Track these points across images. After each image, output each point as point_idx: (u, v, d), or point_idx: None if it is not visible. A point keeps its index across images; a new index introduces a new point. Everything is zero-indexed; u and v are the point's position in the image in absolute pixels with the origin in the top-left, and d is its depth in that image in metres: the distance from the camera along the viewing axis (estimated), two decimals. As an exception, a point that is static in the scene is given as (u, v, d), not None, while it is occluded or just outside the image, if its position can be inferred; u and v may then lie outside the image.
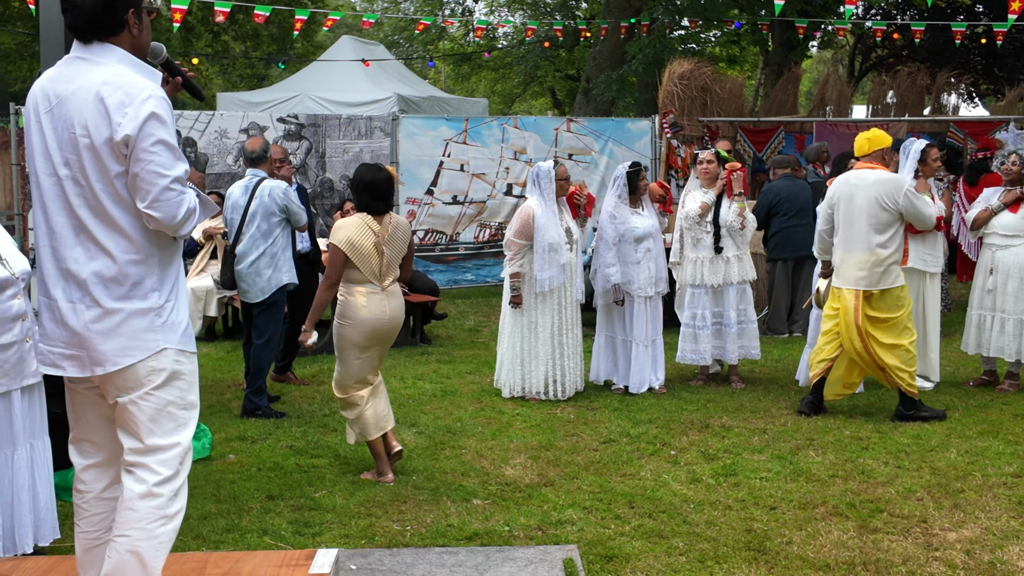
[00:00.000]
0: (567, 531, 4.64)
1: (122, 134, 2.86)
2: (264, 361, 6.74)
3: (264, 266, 6.67)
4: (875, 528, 4.66)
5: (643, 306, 7.28)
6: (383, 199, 5.33)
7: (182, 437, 3.05)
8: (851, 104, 15.02)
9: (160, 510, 2.98)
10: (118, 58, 2.97)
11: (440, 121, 12.45)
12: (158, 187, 2.89)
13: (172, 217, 2.93)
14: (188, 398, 3.08)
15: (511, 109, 30.87)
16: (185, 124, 10.79)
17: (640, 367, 7.29)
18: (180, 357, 3.05)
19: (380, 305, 5.32)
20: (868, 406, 6.95)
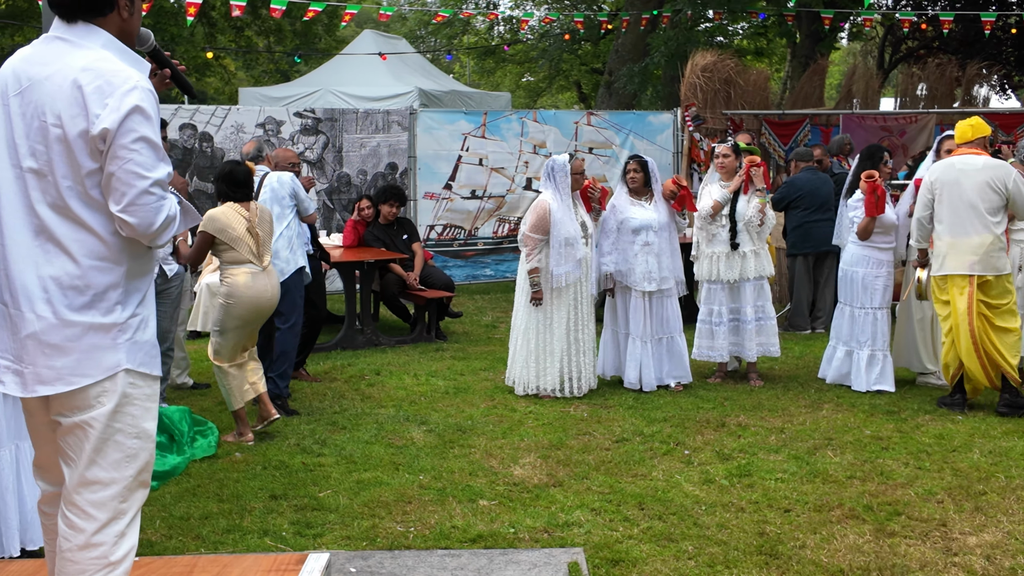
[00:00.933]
0: (574, 533, 4.52)
1: (100, 127, 2.56)
2: (290, 344, 6.73)
3: (282, 247, 6.68)
4: (892, 532, 4.51)
5: (642, 301, 7.12)
6: (241, 187, 5.95)
7: (128, 471, 2.68)
8: (880, 96, 14.77)
9: (102, 559, 2.64)
10: (103, 42, 2.68)
11: (458, 115, 12.34)
12: (136, 189, 2.58)
13: (148, 224, 2.62)
14: (141, 426, 2.72)
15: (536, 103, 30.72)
16: (201, 119, 10.75)
17: (637, 363, 7.14)
18: (137, 380, 2.70)
19: (263, 283, 5.93)
20: (890, 404, 6.77)
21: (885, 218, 6.98)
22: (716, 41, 19.92)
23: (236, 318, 5.87)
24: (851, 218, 7.13)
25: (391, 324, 9.91)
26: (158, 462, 5.25)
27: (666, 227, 7.18)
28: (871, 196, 6.89)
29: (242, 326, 5.90)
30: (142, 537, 4.44)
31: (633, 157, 7.36)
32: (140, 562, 3.26)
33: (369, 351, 8.64)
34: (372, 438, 6.02)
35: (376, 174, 11.57)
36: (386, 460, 5.59)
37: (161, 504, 4.90)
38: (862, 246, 7.08)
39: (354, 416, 6.52)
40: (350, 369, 7.95)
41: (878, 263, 7.07)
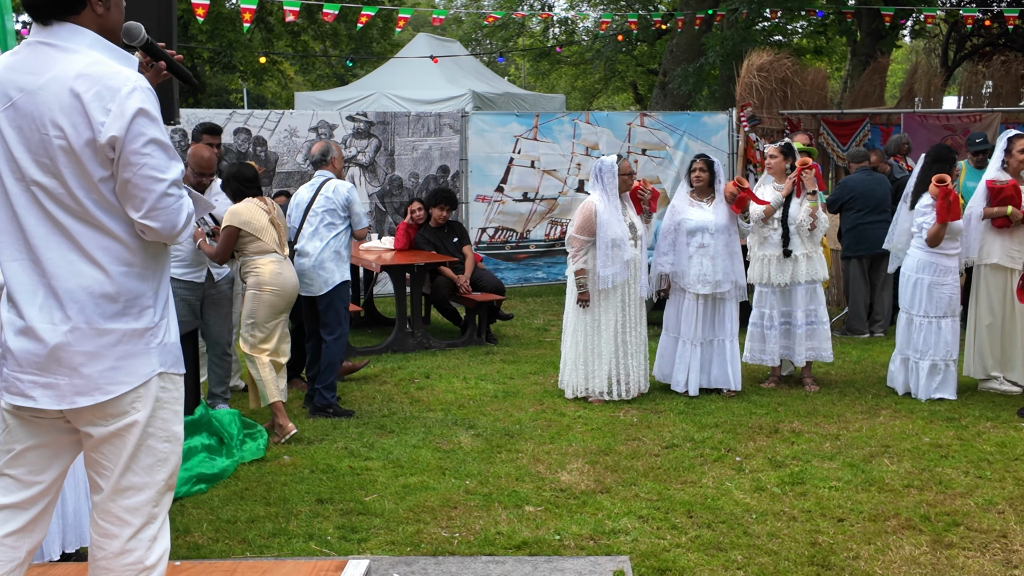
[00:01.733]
0: (620, 541, 4.44)
1: (107, 135, 2.50)
2: (336, 356, 6.70)
3: (328, 259, 6.63)
4: (950, 543, 4.37)
5: (695, 303, 7.01)
6: (252, 183, 6.24)
7: (160, 475, 2.67)
8: (943, 95, 14.42)
9: (138, 565, 2.64)
10: (89, 42, 2.57)
11: (510, 117, 12.30)
12: (155, 193, 2.54)
13: (172, 226, 2.59)
14: (172, 429, 2.70)
15: (592, 105, 30.59)
16: (255, 123, 10.84)
17: (685, 366, 7.03)
18: (166, 382, 2.68)
19: (288, 271, 6.22)
20: (950, 411, 6.58)
21: (955, 224, 6.75)
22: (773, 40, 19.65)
23: (268, 305, 6.10)
24: (919, 224, 6.88)
25: (441, 327, 9.90)
26: (207, 465, 5.29)
27: (724, 229, 7.04)
28: (943, 201, 6.66)
29: (274, 314, 6.13)
30: (189, 540, 4.47)
31: (700, 156, 7.22)
32: (182, 566, 3.27)
33: (419, 354, 8.64)
34: (419, 442, 6.00)
35: (428, 177, 11.59)
36: (433, 465, 5.57)
37: (209, 507, 4.93)
38: (928, 252, 6.85)
39: (402, 420, 6.51)
40: (400, 372, 7.95)
41: (944, 270, 6.84)
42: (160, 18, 5.28)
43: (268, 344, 6.16)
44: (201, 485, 5.17)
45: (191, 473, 5.16)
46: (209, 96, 26.00)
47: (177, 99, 5.48)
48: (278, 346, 6.23)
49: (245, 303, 6.16)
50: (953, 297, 6.86)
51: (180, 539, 4.52)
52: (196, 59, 21.31)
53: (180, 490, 5.05)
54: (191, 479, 5.14)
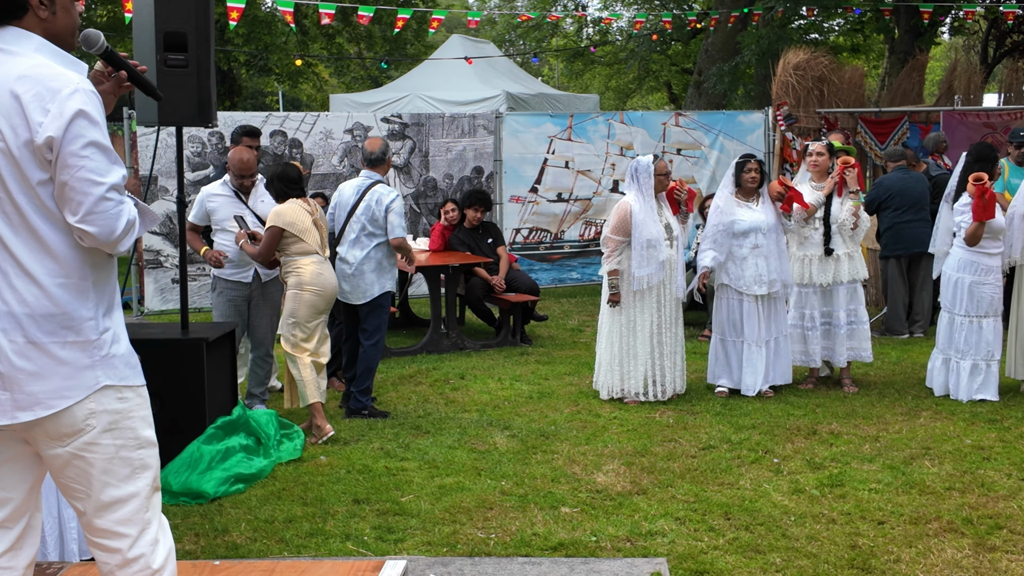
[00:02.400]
0: (657, 543, 4.42)
1: (44, 136, 2.43)
2: (374, 361, 6.70)
3: (369, 269, 6.57)
4: (993, 546, 4.30)
5: (754, 305, 6.97)
6: (296, 184, 6.25)
7: (141, 482, 2.61)
8: (983, 92, 14.21)
9: (146, 570, 2.62)
10: (35, 46, 2.52)
11: (544, 118, 12.28)
12: (92, 197, 2.46)
13: (110, 231, 2.49)
14: (142, 435, 2.63)
15: (626, 105, 30.49)
16: (291, 125, 10.92)
17: (753, 368, 6.98)
18: (124, 393, 2.60)
19: (329, 271, 6.26)
20: (992, 413, 6.49)
21: (994, 222, 6.66)
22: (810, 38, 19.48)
23: (309, 305, 6.13)
24: (958, 222, 6.80)
25: (476, 328, 9.91)
26: (244, 465, 5.32)
27: (775, 229, 6.99)
28: (979, 200, 6.58)
29: (315, 314, 6.16)
30: (227, 539, 4.51)
31: (752, 157, 7.14)
32: (221, 565, 3.29)
33: (454, 355, 8.65)
34: (455, 443, 6.00)
35: (462, 178, 11.60)
36: (468, 465, 5.57)
37: (247, 507, 4.97)
38: (969, 251, 6.76)
39: (438, 420, 6.52)
40: (435, 373, 7.97)
41: (986, 270, 6.75)
42: (198, 23, 5.35)
43: (309, 344, 6.18)
44: (239, 485, 5.21)
45: (229, 473, 5.20)
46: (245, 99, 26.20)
47: (215, 102, 5.54)
48: (318, 347, 6.26)
49: (286, 303, 6.20)
50: (995, 297, 6.77)
51: (218, 539, 4.56)
52: (232, 62, 21.49)
53: (219, 490, 5.09)
54: (229, 479, 5.18)
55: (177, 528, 4.67)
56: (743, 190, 7.05)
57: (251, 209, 6.48)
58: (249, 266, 6.44)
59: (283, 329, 6.18)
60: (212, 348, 5.57)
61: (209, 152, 10.50)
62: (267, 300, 6.58)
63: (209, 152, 10.50)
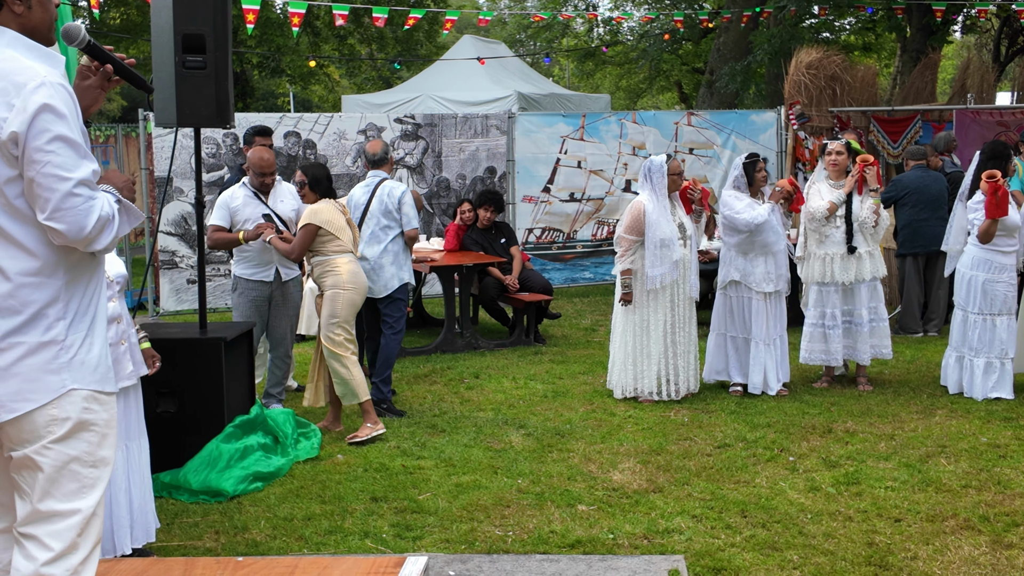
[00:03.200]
0: (674, 540, 4.44)
1: (8, 131, 2.37)
2: (393, 351, 6.86)
3: (388, 263, 6.77)
4: (1010, 543, 4.31)
5: (763, 303, 6.98)
6: (330, 184, 6.32)
7: (85, 502, 2.49)
8: (995, 91, 14.17)
9: None
10: (7, 41, 2.46)
11: (557, 118, 12.30)
12: (59, 193, 2.39)
13: (80, 228, 2.41)
14: (98, 454, 2.52)
15: (637, 105, 30.49)
16: (305, 126, 10.96)
17: (761, 366, 6.99)
18: (90, 403, 2.50)
19: (360, 269, 6.33)
20: (1008, 411, 6.49)
21: (1009, 220, 6.66)
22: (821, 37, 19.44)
23: (350, 303, 6.17)
24: (971, 220, 6.81)
25: (490, 327, 9.94)
26: (263, 463, 5.36)
27: (781, 227, 7.05)
28: (992, 197, 6.58)
29: (353, 311, 6.22)
30: (248, 536, 4.55)
31: (758, 155, 7.16)
32: (243, 562, 3.32)
33: (468, 354, 8.68)
34: (471, 441, 6.03)
35: (475, 178, 11.63)
36: (485, 464, 5.60)
37: (266, 505, 5.00)
38: (983, 249, 6.77)
39: (453, 419, 6.55)
40: (449, 372, 8.00)
41: (1000, 268, 6.76)
42: (216, 24, 5.39)
43: (353, 342, 6.21)
44: (258, 483, 5.25)
45: (248, 471, 5.24)
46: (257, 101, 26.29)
47: (232, 104, 5.58)
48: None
49: (325, 303, 6.20)
50: (1009, 295, 6.77)
51: (238, 536, 4.59)
52: (245, 64, 21.56)
53: (238, 488, 5.13)
54: (248, 477, 5.22)
55: (197, 526, 4.71)
56: (753, 189, 7.07)
57: (271, 209, 6.50)
58: (270, 265, 6.45)
59: (325, 330, 6.17)
60: (230, 347, 5.61)
61: (223, 153, 10.55)
62: (287, 300, 6.59)
63: (223, 153, 10.55)
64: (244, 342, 5.99)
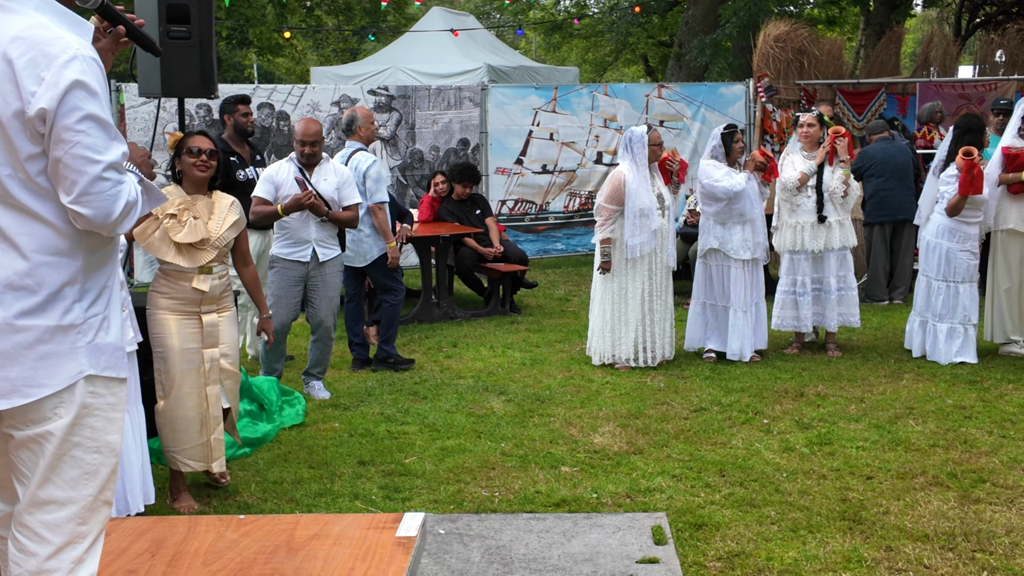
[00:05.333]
0: (656, 499, 4.59)
1: (36, 107, 2.21)
2: (393, 313, 7.10)
3: (366, 234, 6.89)
4: (977, 498, 4.50)
5: (740, 270, 7.13)
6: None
7: (85, 491, 2.36)
8: (957, 64, 14.40)
9: None
10: (36, 4, 2.28)
11: (529, 90, 12.38)
12: (88, 176, 2.24)
13: (106, 214, 2.28)
14: (103, 439, 2.40)
15: (603, 78, 30.55)
16: (278, 98, 10.96)
17: (739, 333, 7.15)
18: (99, 387, 2.38)
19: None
20: (972, 374, 6.71)
21: (978, 197, 6.86)
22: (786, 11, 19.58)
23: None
24: (942, 192, 7.00)
25: (466, 298, 10.04)
26: (250, 429, 5.44)
27: (758, 195, 7.20)
28: (967, 175, 6.75)
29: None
30: (239, 500, 4.63)
31: (735, 126, 7.29)
32: (245, 520, 3.42)
33: (445, 324, 8.78)
34: (453, 407, 6.15)
35: (448, 150, 11.69)
36: (468, 428, 5.71)
37: (255, 469, 5.09)
38: (949, 218, 6.98)
39: (434, 387, 6.66)
40: (427, 341, 8.10)
41: (964, 237, 6.97)
42: None
43: None
44: (245, 449, 5.33)
45: (236, 437, 5.32)
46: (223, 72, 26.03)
47: (216, 73, 5.62)
48: None
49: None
50: (972, 263, 6.99)
51: (230, 499, 4.69)
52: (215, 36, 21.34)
53: (227, 453, 5.21)
54: (235, 443, 5.29)
55: (189, 490, 4.79)
56: (731, 159, 7.21)
57: (313, 187, 6.18)
58: (307, 245, 6.22)
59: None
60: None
61: (197, 124, 10.52)
62: (325, 282, 6.31)
63: (197, 124, 10.52)
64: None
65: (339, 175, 6.33)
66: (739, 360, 7.14)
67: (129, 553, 3.13)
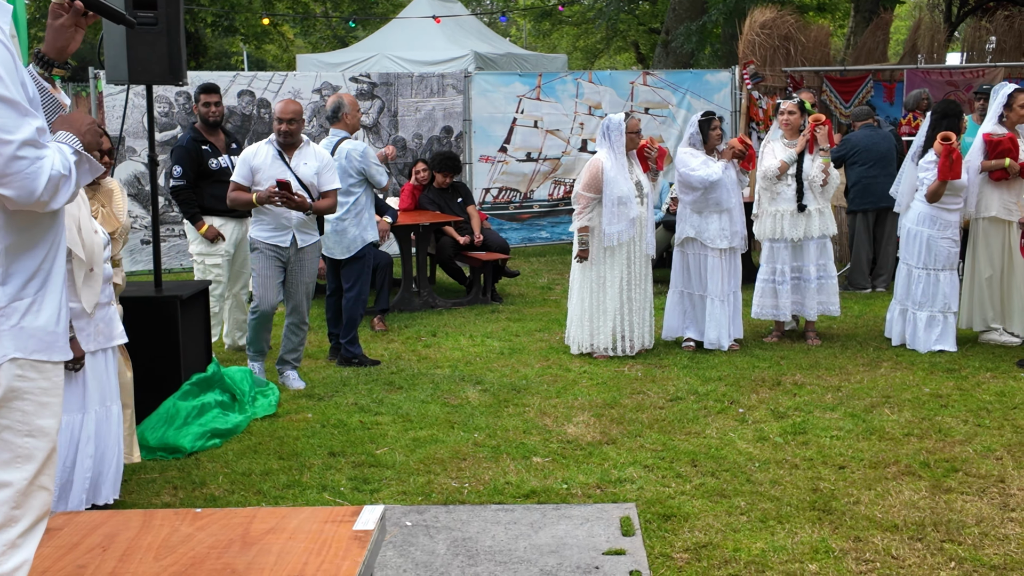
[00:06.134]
0: (626, 489, 4.56)
1: None
2: (356, 312, 6.90)
3: (349, 225, 6.82)
4: (949, 488, 4.48)
5: (718, 259, 7.09)
6: None
7: (18, 474, 2.33)
8: (947, 51, 14.34)
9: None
10: None
11: (513, 77, 12.29)
12: (2, 158, 2.21)
13: (30, 192, 2.24)
14: (35, 423, 2.36)
15: (594, 65, 30.46)
16: (259, 85, 10.86)
17: (716, 322, 7.12)
18: (27, 371, 2.34)
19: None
20: (951, 362, 6.68)
21: (957, 182, 6.82)
22: (776, -2, 19.49)
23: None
24: (921, 179, 6.96)
25: (447, 286, 9.99)
26: (220, 420, 5.40)
27: (736, 184, 7.14)
28: (945, 160, 6.71)
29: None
30: (205, 492, 4.59)
31: (713, 114, 7.22)
32: (202, 513, 3.37)
33: (425, 313, 8.73)
34: (428, 397, 6.10)
35: (431, 138, 11.62)
36: (442, 419, 5.67)
37: (224, 461, 5.05)
38: (929, 205, 6.94)
39: (411, 376, 6.61)
40: (407, 331, 8.05)
41: (944, 224, 6.93)
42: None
43: None
44: (216, 440, 5.29)
45: (205, 428, 5.27)
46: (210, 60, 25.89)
47: (184, 60, 5.54)
48: None
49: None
50: (952, 251, 6.95)
51: (196, 491, 4.64)
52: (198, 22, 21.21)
53: (195, 444, 5.17)
54: (205, 434, 5.25)
55: (155, 482, 4.75)
56: (708, 147, 7.15)
57: (292, 171, 6.10)
58: (287, 231, 6.13)
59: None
60: (186, 305, 5.62)
61: (176, 112, 10.44)
62: (303, 267, 6.26)
63: (176, 112, 10.44)
64: (200, 300, 5.99)
65: (319, 159, 6.23)
66: (717, 349, 7.10)
67: (80, 547, 3.08)
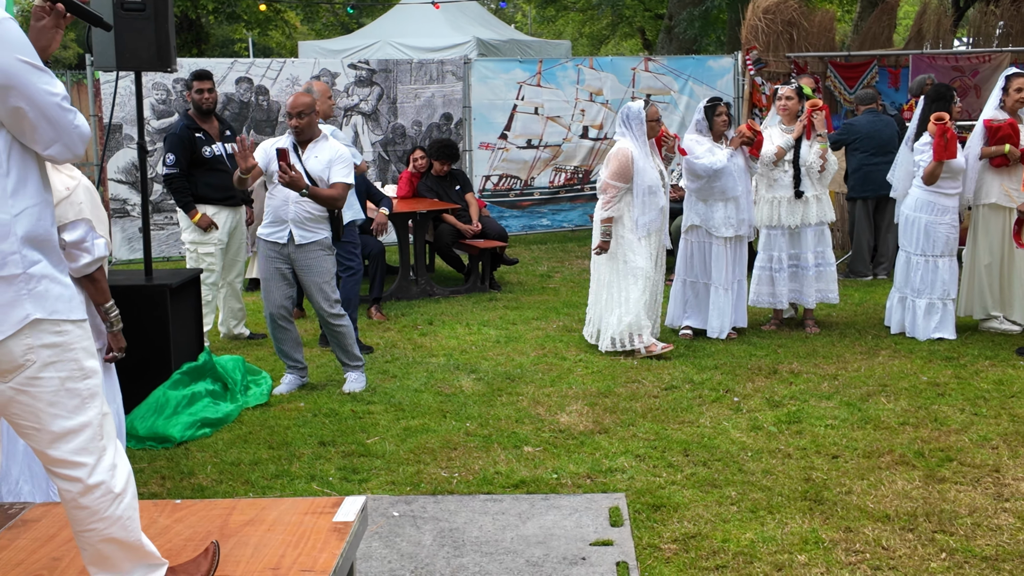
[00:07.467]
0: (617, 479, 4.52)
1: None
2: (351, 292, 6.78)
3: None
4: (943, 478, 4.43)
5: (723, 247, 7.01)
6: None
7: (92, 411, 2.59)
8: (953, 36, 14.21)
9: (108, 495, 2.60)
10: None
11: (513, 64, 12.21)
12: (56, 109, 2.56)
13: (84, 140, 2.59)
14: (85, 365, 2.60)
15: (600, 52, 30.31)
16: (257, 72, 10.81)
17: (720, 311, 7.04)
18: (61, 327, 2.54)
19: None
20: (949, 351, 6.62)
21: (954, 163, 6.74)
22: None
23: None
24: (917, 162, 6.89)
25: (445, 275, 9.95)
26: (211, 409, 5.37)
27: (744, 171, 7.03)
28: (940, 139, 6.64)
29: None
30: (193, 481, 4.57)
31: (719, 100, 7.12)
32: (181, 504, 3.34)
33: (423, 301, 8.69)
34: (421, 386, 6.07)
35: (431, 125, 11.56)
36: (434, 408, 5.64)
37: (213, 450, 5.02)
38: (927, 191, 6.86)
39: (405, 365, 6.57)
40: (403, 319, 8.01)
41: (943, 209, 6.85)
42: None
43: None
44: (205, 429, 5.26)
45: (195, 417, 5.24)
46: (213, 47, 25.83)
47: (174, 47, 5.49)
48: None
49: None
50: (951, 237, 6.88)
51: (184, 481, 4.61)
52: (200, 9, 21.14)
53: (185, 434, 5.14)
54: (195, 423, 5.22)
55: (143, 472, 4.72)
56: (714, 133, 7.06)
57: (303, 163, 5.82)
58: (284, 226, 5.84)
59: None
60: (176, 294, 5.59)
61: (174, 99, 10.39)
62: (308, 266, 5.90)
63: (174, 99, 10.39)
64: (191, 289, 5.96)
65: (333, 152, 5.90)
66: (716, 337, 7.04)
67: (56, 540, 3.05)
